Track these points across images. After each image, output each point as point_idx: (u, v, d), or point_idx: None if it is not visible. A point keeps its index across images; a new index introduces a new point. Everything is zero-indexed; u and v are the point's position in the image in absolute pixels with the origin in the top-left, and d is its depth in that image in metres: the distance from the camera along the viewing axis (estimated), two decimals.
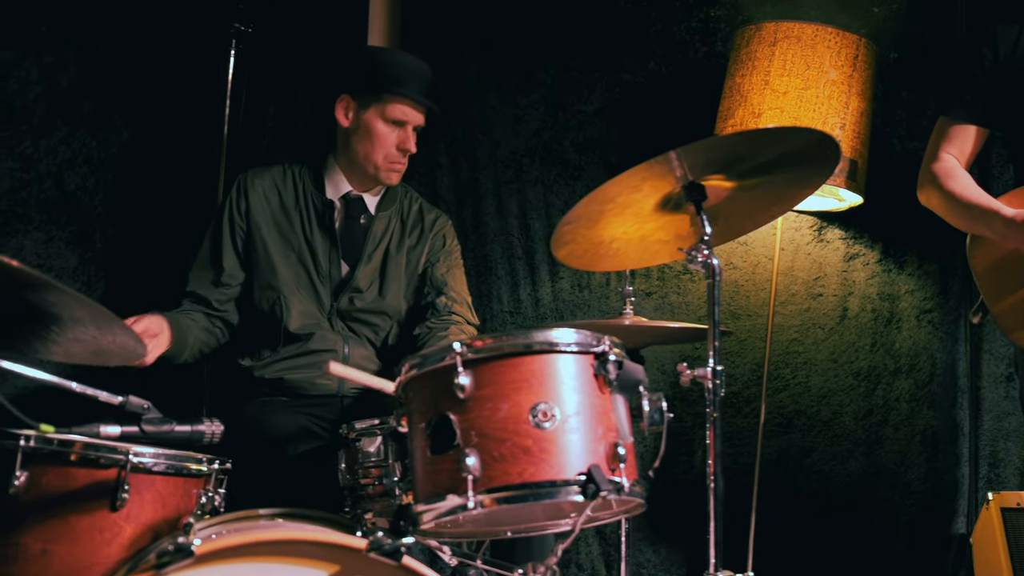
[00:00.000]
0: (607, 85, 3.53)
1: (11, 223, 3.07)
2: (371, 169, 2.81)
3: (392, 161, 2.80)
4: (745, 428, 3.34)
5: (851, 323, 3.35)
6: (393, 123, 2.78)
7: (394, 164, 2.81)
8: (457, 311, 2.85)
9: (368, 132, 2.78)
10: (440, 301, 2.84)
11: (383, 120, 2.77)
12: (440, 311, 2.82)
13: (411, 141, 2.80)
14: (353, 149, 2.82)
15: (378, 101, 2.77)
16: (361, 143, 2.80)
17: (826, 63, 3.06)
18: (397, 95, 2.76)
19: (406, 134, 2.79)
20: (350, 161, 2.84)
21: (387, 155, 2.79)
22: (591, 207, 2.20)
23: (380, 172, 2.81)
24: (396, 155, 2.80)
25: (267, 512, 2.05)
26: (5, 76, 3.07)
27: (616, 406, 1.90)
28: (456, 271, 2.95)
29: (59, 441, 1.95)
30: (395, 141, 2.79)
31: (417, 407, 1.90)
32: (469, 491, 1.77)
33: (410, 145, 2.80)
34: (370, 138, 2.78)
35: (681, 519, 3.11)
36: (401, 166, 2.83)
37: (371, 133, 2.78)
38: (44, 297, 1.84)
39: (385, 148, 2.79)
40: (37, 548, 1.92)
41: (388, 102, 2.76)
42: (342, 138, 2.85)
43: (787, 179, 2.27)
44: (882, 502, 3.28)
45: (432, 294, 2.86)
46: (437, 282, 2.88)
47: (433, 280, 2.88)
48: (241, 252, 2.83)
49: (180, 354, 2.68)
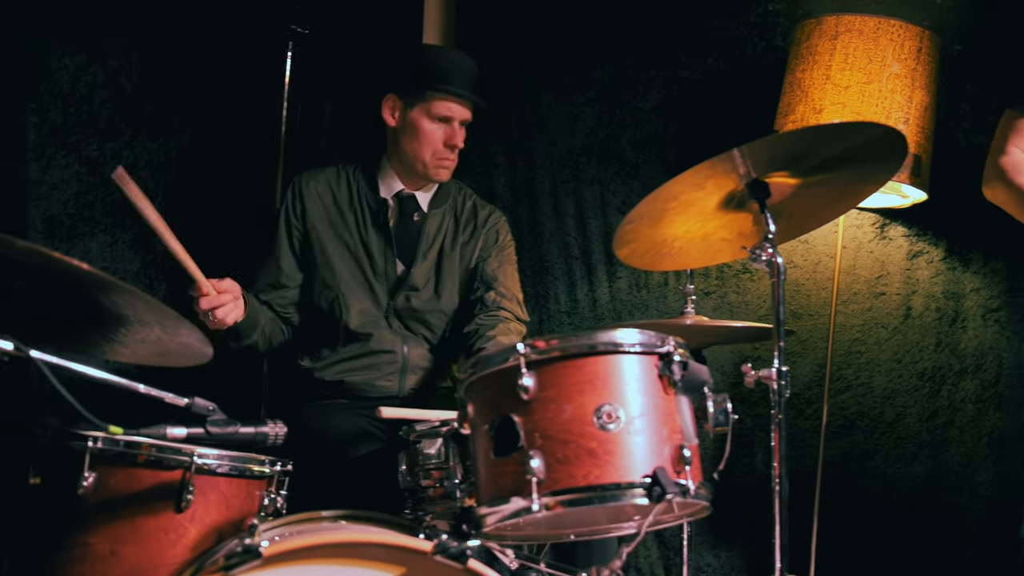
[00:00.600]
0: (664, 82, 3.51)
1: (78, 226, 3.13)
2: (420, 167, 2.83)
3: (440, 158, 2.81)
4: (807, 430, 3.30)
5: (915, 322, 3.30)
6: (439, 120, 2.78)
7: (442, 161, 2.82)
8: (506, 306, 2.83)
9: (415, 130, 2.80)
10: (489, 296, 2.83)
11: (428, 117, 2.78)
12: (488, 306, 2.81)
13: (458, 137, 2.81)
14: (402, 148, 2.83)
15: (422, 99, 2.78)
16: (409, 142, 2.81)
17: (888, 56, 3.01)
18: (441, 92, 2.77)
19: (453, 130, 2.80)
20: (400, 160, 2.86)
21: (435, 152, 2.80)
22: (653, 206, 2.19)
23: (429, 169, 2.82)
24: (444, 152, 2.81)
25: (330, 514, 2.06)
26: (75, 81, 3.13)
27: (681, 407, 1.89)
28: (508, 267, 2.93)
29: (126, 442, 1.98)
30: (442, 138, 2.79)
31: (480, 409, 1.89)
32: (533, 493, 1.76)
33: (457, 141, 2.81)
34: (417, 136, 2.80)
35: (742, 522, 3.08)
36: (450, 162, 2.83)
37: (418, 131, 2.79)
38: (111, 299, 1.87)
39: (432, 145, 2.80)
40: (106, 549, 1.95)
41: (432, 99, 2.77)
42: (391, 137, 2.87)
43: (852, 175, 2.24)
44: (948, 505, 3.22)
45: (481, 289, 2.86)
46: (487, 277, 2.87)
47: (483, 275, 2.88)
48: (299, 253, 2.86)
49: (252, 330, 2.70)
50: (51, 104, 3.09)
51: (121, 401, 2.00)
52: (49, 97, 3.09)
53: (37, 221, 3.08)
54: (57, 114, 3.10)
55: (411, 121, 2.80)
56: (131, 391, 1.98)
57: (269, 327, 2.79)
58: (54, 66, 3.09)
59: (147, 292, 3.06)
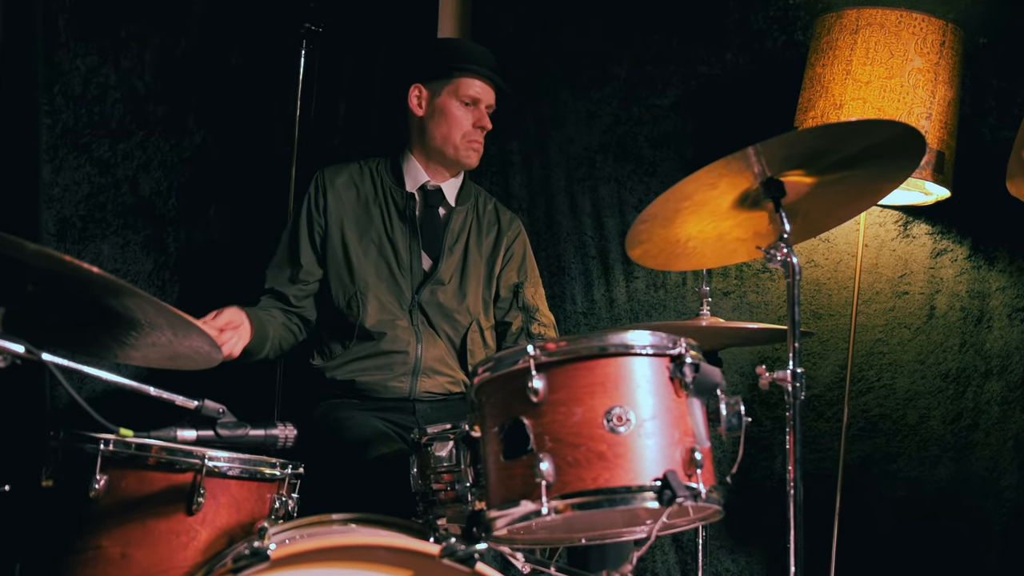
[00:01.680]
0: (682, 78, 3.52)
1: (89, 228, 3.18)
2: (451, 151, 2.89)
3: (471, 140, 2.90)
4: (827, 432, 3.30)
5: (939, 322, 3.29)
6: (467, 103, 2.87)
7: (472, 143, 2.90)
8: (547, 336, 2.94)
9: (444, 114, 2.88)
10: (533, 328, 2.93)
11: (457, 100, 2.88)
12: (533, 339, 2.86)
13: (486, 118, 2.91)
14: (430, 135, 2.90)
15: (450, 81, 2.88)
16: (438, 127, 2.89)
17: (911, 50, 3.01)
18: (468, 72, 2.87)
19: (480, 112, 2.90)
20: (427, 149, 2.92)
21: (465, 134, 2.89)
22: (666, 205, 2.20)
23: (460, 152, 2.90)
24: (474, 132, 2.90)
25: (340, 517, 2.08)
26: (86, 82, 3.17)
27: (693, 410, 1.90)
28: (540, 289, 3.05)
29: (137, 445, 2.02)
30: (472, 120, 2.89)
31: (490, 411, 1.92)
32: (543, 497, 1.79)
33: (486, 122, 2.90)
34: (446, 120, 2.88)
35: (761, 526, 3.09)
36: (479, 145, 2.92)
37: (447, 115, 2.88)
38: (122, 302, 1.90)
39: (462, 127, 2.88)
40: (117, 552, 1.98)
41: (459, 81, 2.87)
42: (416, 128, 2.94)
43: (870, 173, 2.24)
44: (973, 510, 3.21)
45: (524, 318, 2.95)
46: (529, 308, 2.96)
47: (524, 304, 2.96)
48: (319, 248, 2.90)
49: (260, 349, 2.75)
50: (63, 105, 3.14)
51: (132, 404, 2.05)
52: (61, 98, 3.14)
53: (49, 223, 3.12)
54: (69, 115, 3.15)
55: (439, 106, 2.89)
56: (142, 394, 2.03)
57: (279, 336, 2.82)
58: (66, 67, 3.14)
59: (160, 294, 3.16)
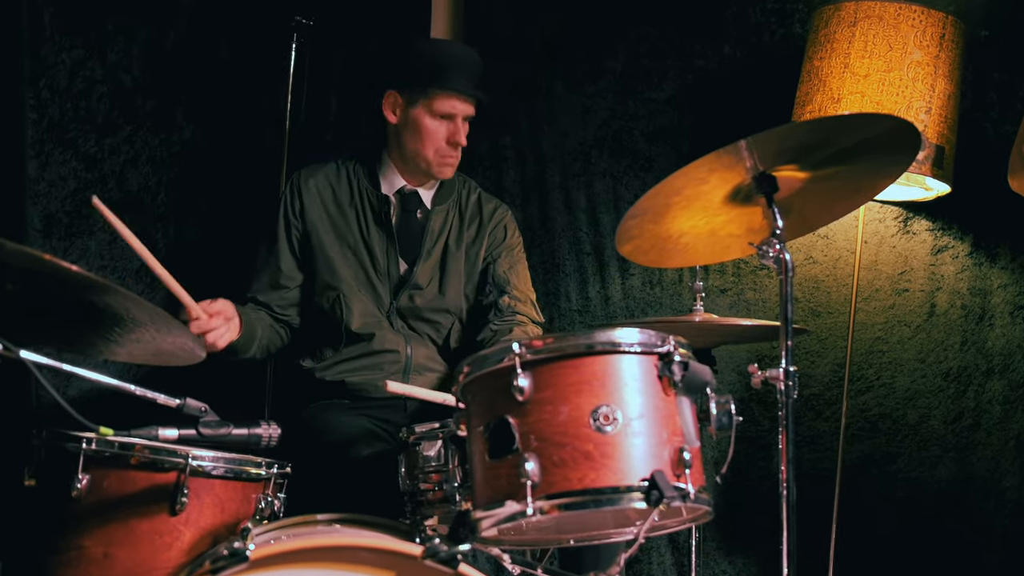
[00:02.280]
0: (679, 71, 3.52)
1: (76, 224, 3.18)
2: (423, 164, 2.84)
3: (443, 155, 2.82)
4: (826, 432, 3.30)
5: (939, 320, 3.29)
6: (441, 117, 2.80)
7: (446, 158, 2.83)
8: (521, 310, 2.87)
9: (417, 128, 2.81)
10: (503, 301, 2.86)
11: (430, 115, 2.79)
12: (503, 311, 2.84)
13: (461, 134, 2.82)
14: (404, 145, 2.85)
15: (424, 96, 2.79)
16: (411, 139, 2.83)
17: (910, 43, 3.01)
18: (443, 88, 2.77)
19: (456, 127, 2.81)
20: (402, 157, 2.88)
21: (438, 150, 2.82)
22: (657, 200, 2.20)
23: (432, 167, 2.84)
24: (447, 149, 2.82)
25: (325, 517, 2.09)
26: (72, 76, 3.18)
27: (682, 409, 1.90)
28: (519, 267, 2.96)
29: (119, 444, 2.02)
30: (445, 135, 2.81)
31: (475, 410, 1.92)
32: (528, 497, 1.78)
33: (460, 138, 2.82)
34: (419, 134, 2.81)
35: (757, 527, 3.09)
36: (453, 159, 2.85)
37: (420, 129, 2.81)
38: (104, 299, 1.91)
39: (435, 143, 2.81)
40: (99, 552, 1.99)
41: (434, 96, 2.78)
42: (392, 134, 2.89)
43: (865, 168, 2.24)
44: (975, 511, 3.21)
45: (494, 293, 2.88)
46: (499, 280, 2.89)
47: (495, 278, 2.90)
48: (298, 252, 2.88)
49: (248, 347, 2.73)
50: (49, 100, 3.14)
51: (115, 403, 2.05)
52: (47, 92, 3.14)
53: (35, 219, 3.13)
54: (55, 110, 3.16)
55: (413, 119, 2.81)
56: (124, 392, 2.03)
57: (266, 338, 2.81)
58: (52, 61, 3.14)
59: (147, 291, 3.16)
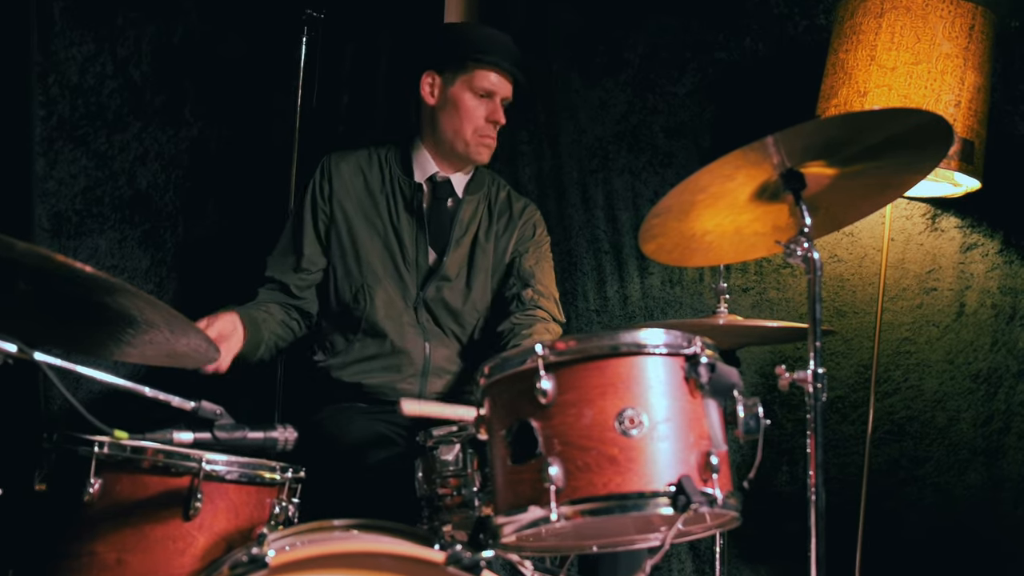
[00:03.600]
0: (699, 64, 3.51)
1: (86, 223, 3.20)
2: (461, 146, 2.87)
3: (483, 135, 2.86)
4: (851, 436, 3.29)
5: (969, 320, 3.28)
6: (481, 95, 2.83)
7: (484, 138, 2.86)
8: (543, 305, 2.88)
9: (456, 106, 2.84)
10: (526, 294, 2.88)
11: (471, 91, 2.83)
12: (525, 304, 2.86)
13: (500, 113, 2.87)
14: (441, 127, 2.87)
15: (465, 71, 2.83)
16: (449, 119, 2.85)
17: (938, 35, 3.00)
18: (484, 63, 2.82)
19: (495, 105, 2.86)
20: (437, 140, 2.90)
21: (477, 128, 2.85)
22: (681, 198, 2.20)
23: (470, 148, 2.87)
24: (487, 127, 2.86)
25: (341, 523, 2.09)
26: (83, 71, 3.19)
27: (708, 412, 1.90)
28: (544, 264, 2.98)
29: (132, 448, 2.03)
30: (484, 113, 2.85)
31: (497, 413, 1.92)
32: (552, 502, 1.79)
33: (500, 117, 2.86)
34: (458, 112, 2.84)
35: (782, 534, 3.08)
36: (491, 140, 2.88)
37: (459, 107, 2.84)
38: (117, 300, 1.92)
39: (474, 121, 2.84)
40: (112, 558, 2.00)
41: (475, 71, 2.83)
42: (428, 117, 2.91)
43: (895, 164, 2.23)
44: (1005, 517, 3.20)
45: (518, 285, 2.90)
46: (524, 273, 2.91)
47: (520, 271, 2.92)
48: (323, 237, 2.89)
49: (255, 351, 2.75)
50: (59, 96, 3.16)
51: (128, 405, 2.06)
52: (57, 88, 3.16)
53: (44, 218, 3.14)
54: (65, 106, 3.17)
55: (452, 97, 2.85)
56: (137, 394, 2.04)
57: (275, 336, 2.82)
58: (62, 56, 3.16)
59: (157, 291, 3.18)
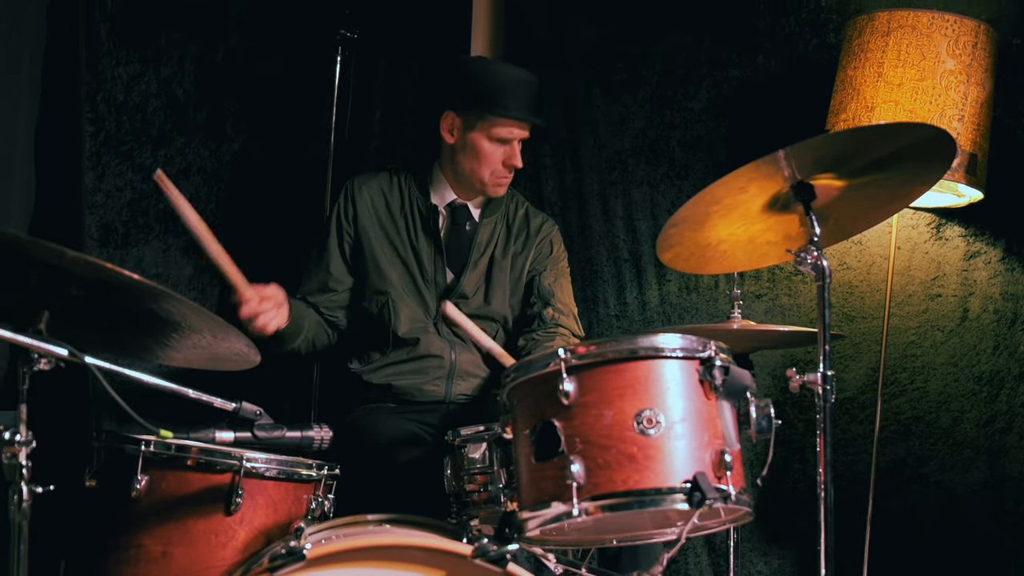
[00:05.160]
0: (714, 81, 3.51)
1: (132, 233, 3.23)
2: (477, 184, 2.87)
3: (499, 177, 2.85)
4: (859, 435, 3.28)
5: (972, 325, 3.26)
6: (499, 141, 2.81)
7: (500, 179, 2.86)
8: (564, 323, 2.90)
9: (474, 150, 2.82)
10: (547, 313, 2.89)
11: (488, 139, 2.81)
12: (547, 323, 2.87)
13: (517, 157, 2.84)
14: (459, 165, 2.87)
15: (483, 120, 2.80)
16: (467, 160, 2.84)
17: (942, 52, 2.99)
18: (502, 115, 2.78)
19: (512, 150, 2.83)
20: (456, 174, 2.90)
21: (494, 172, 2.84)
22: (697, 209, 2.21)
23: (487, 187, 2.87)
24: (503, 171, 2.84)
25: (375, 518, 2.11)
26: (128, 89, 3.23)
27: (722, 412, 1.91)
28: (563, 280, 2.99)
29: (177, 446, 2.06)
30: (501, 157, 2.82)
31: (521, 414, 1.94)
32: (574, 498, 1.81)
33: (516, 161, 2.83)
34: (476, 156, 2.83)
35: (793, 529, 3.08)
36: (507, 180, 2.88)
37: (477, 151, 2.82)
38: (163, 306, 1.94)
39: (492, 165, 2.83)
40: (158, 551, 2.03)
41: (493, 122, 2.79)
42: (447, 152, 2.90)
43: (901, 176, 2.24)
44: (1007, 514, 3.18)
45: (539, 304, 2.91)
46: (544, 292, 2.92)
47: (540, 290, 2.93)
48: (348, 257, 2.91)
49: (295, 337, 2.77)
50: (106, 113, 3.19)
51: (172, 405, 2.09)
52: (104, 106, 3.19)
53: (93, 229, 3.18)
54: (111, 123, 3.20)
55: (470, 141, 2.82)
56: (181, 396, 2.07)
57: (313, 331, 2.85)
58: (108, 75, 3.19)
59: (199, 297, 3.21)
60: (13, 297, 1.91)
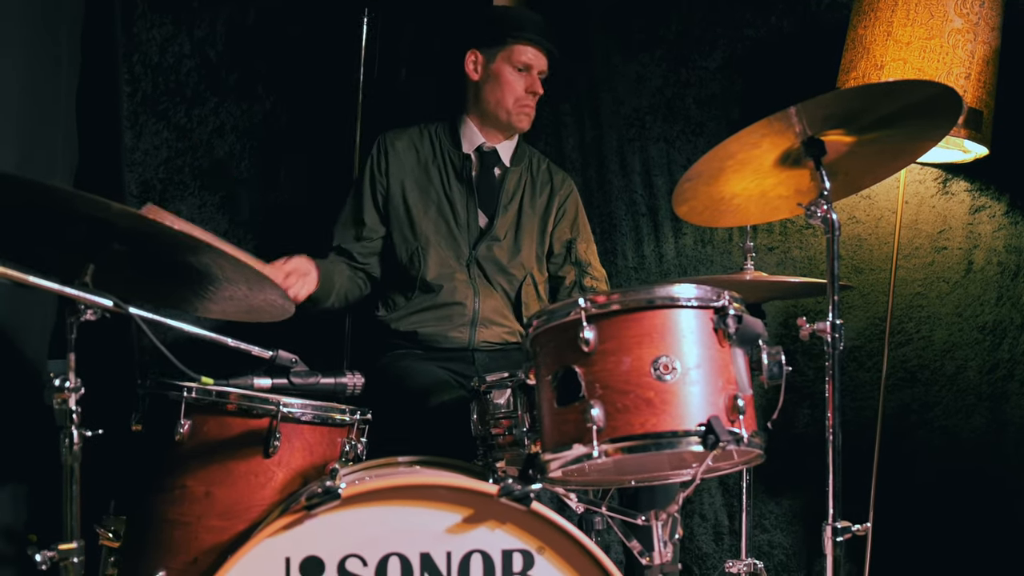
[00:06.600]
0: (729, 40, 3.48)
1: (169, 190, 3.25)
2: (503, 115, 2.93)
3: (523, 104, 2.93)
4: (867, 382, 3.29)
5: (976, 276, 3.25)
6: (520, 68, 2.91)
7: (524, 107, 2.93)
8: (600, 289, 3.00)
9: (497, 80, 2.91)
10: (585, 282, 2.98)
11: (510, 65, 2.91)
12: (587, 292, 2.90)
13: (538, 84, 2.94)
14: (485, 99, 2.94)
15: (504, 47, 2.91)
16: (492, 91, 2.92)
17: (950, 11, 2.96)
18: (521, 39, 2.90)
19: (533, 78, 2.93)
20: (482, 112, 2.96)
21: (517, 98, 2.92)
22: (711, 164, 2.20)
23: (512, 116, 2.93)
24: (526, 97, 2.93)
25: (406, 459, 2.14)
26: (163, 51, 3.23)
27: (735, 359, 1.92)
28: (591, 245, 3.08)
29: (217, 392, 2.08)
30: (524, 85, 2.92)
31: (544, 360, 1.95)
32: (594, 441, 1.83)
33: (537, 87, 2.94)
34: (500, 85, 2.91)
35: (803, 472, 3.10)
36: (531, 109, 2.95)
37: (500, 80, 2.91)
38: (201, 259, 1.96)
39: (515, 92, 2.91)
40: (201, 491, 2.06)
41: (513, 47, 2.90)
42: (472, 92, 2.97)
43: (908, 132, 2.22)
44: (1009, 457, 3.19)
45: (577, 272, 2.99)
46: (581, 262, 3.00)
47: (577, 259, 3.00)
48: (381, 208, 2.95)
49: (327, 296, 2.82)
50: (142, 74, 3.20)
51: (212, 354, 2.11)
52: (140, 67, 3.20)
53: (132, 185, 3.21)
54: (148, 83, 3.21)
55: (494, 71, 2.92)
56: (220, 344, 2.09)
57: (345, 287, 2.89)
58: (143, 37, 3.20)
59: None
60: (60, 251, 1.94)
